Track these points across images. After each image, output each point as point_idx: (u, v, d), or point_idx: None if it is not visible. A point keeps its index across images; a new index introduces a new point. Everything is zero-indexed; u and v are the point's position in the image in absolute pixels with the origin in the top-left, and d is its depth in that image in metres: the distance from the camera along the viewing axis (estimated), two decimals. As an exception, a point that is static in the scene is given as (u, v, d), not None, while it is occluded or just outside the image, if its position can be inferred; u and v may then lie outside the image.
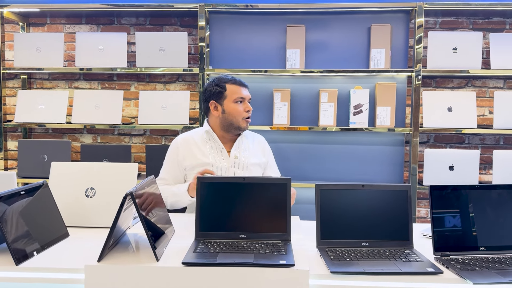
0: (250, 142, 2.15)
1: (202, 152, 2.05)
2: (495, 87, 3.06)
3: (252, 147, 2.13)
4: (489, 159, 3.04)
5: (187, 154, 2.06)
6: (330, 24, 2.97)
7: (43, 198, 1.57)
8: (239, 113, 2.04)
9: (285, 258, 1.30)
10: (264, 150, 2.18)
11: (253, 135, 2.22)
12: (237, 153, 2.06)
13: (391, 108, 2.85)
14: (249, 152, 2.09)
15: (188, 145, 2.08)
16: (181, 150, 2.07)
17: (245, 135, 2.14)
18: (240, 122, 2.05)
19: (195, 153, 2.05)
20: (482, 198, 1.47)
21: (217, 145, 2.07)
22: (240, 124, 2.05)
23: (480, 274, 1.26)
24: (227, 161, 2.05)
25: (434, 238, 1.41)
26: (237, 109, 2.04)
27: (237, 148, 2.08)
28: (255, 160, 2.09)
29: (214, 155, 2.05)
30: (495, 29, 3.03)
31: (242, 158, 2.06)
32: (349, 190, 1.52)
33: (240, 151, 2.08)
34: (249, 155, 2.08)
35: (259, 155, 2.13)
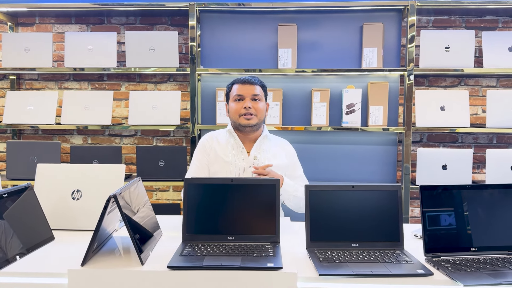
0: (273, 144, 2.12)
1: (223, 150, 2.06)
2: (488, 86, 3.05)
3: (274, 149, 2.09)
4: (482, 158, 3.03)
5: (210, 150, 2.08)
6: (322, 23, 2.95)
7: (27, 201, 1.53)
8: (234, 111, 2.03)
9: (273, 260, 1.28)
10: (287, 153, 2.13)
11: (277, 139, 2.18)
12: (257, 153, 2.05)
13: (384, 107, 2.83)
14: (269, 153, 2.06)
15: (212, 142, 2.10)
16: (207, 145, 2.10)
17: (268, 138, 2.11)
18: (238, 119, 2.02)
19: (216, 149, 2.07)
20: (474, 198, 1.45)
21: (238, 145, 2.06)
22: (239, 122, 2.01)
23: (471, 276, 1.24)
24: (246, 161, 2.03)
25: (425, 239, 1.39)
26: (233, 107, 2.03)
27: (258, 149, 2.06)
28: (275, 161, 2.03)
29: (234, 154, 2.05)
30: (488, 28, 3.02)
31: (261, 159, 2.04)
32: (339, 191, 1.50)
33: (260, 151, 2.06)
34: (270, 157, 2.05)
35: (280, 157, 2.08)
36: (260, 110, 2.02)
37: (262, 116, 2.04)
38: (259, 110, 2.02)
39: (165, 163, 2.83)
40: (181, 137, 3.17)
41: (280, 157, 2.08)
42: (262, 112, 2.04)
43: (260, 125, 2.07)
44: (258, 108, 2.02)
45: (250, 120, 2.00)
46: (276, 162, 2.03)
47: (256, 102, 2.02)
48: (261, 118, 2.04)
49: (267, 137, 2.10)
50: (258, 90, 2.03)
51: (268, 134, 2.12)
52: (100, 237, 1.34)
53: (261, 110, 2.03)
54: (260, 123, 2.05)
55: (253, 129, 2.04)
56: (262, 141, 2.07)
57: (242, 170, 2.02)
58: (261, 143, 2.07)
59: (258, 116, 2.01)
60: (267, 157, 2.05)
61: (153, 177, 2.83)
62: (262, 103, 2.04)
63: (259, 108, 2.02)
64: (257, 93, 2.02)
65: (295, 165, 2.14)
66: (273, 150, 2.09)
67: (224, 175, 2.01)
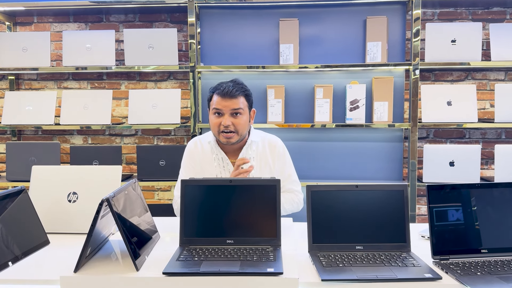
0: (260, 147, 1.97)
1: (208, 161, 1.96)
2: (496, 80, 2.97)
3: (261, 155, 1.97)
4: (491, 154, 2.96)
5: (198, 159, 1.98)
6: (324, 17, 2.88)
7: (21, 205, 1.49)
8: (213, 125, 1.89)
9: (273, 265, 1.23)
10: (274, 157, 1.98)
11: (265, 138, 2.02)
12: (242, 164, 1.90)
13: (389, 103, 2.77)
14: (255, 161, 1.95)
15: (199, 152, 1.99)
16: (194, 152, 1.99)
17: (255, 141, 1.97)
18: (218, 136, 1.88)
19: (201, 160, 1.97)
20: (483, 197, 1.39)
21: (222, 157, 1.95)
22: (219, 138, 1.88)
23: (481, 280, 1.18)
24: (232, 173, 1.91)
25: (433, 241, 1.33)
26: (212, 121, 1.89)
27: None
28: (262, 169, 1.95)
29: (219, 166, 1.94)
30: (495, 20, 2.94)
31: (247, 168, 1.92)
32: (342, 191, 1.44)
33: None
34: (256, 165, 1.94)
35: (268, 162, 1.96)
36: (241, 125, 1.86)
37: (244, 130, 1.89)
38: (239, 125, 1.86)
39: (166, 163, 2.78)
40: (182, 136, 3.12)
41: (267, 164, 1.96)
42: (244, 127, 1.88)
43: (243, 138, 1.92)
44: (239, 123, 1.86)
45: (230, 139, 1.86)
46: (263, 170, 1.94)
47: (237, 117, 1.86)
48: (243, 133, 1.89)
49: (253, 143, 1.97)
50: (240, 103, 1.86)
51: (254, 138, 1.97)
52: (94, 241, 1.30)
53: (242, 126, 1.87)
54: (242, 137, 1.91)
55: (235, 144, 1.91)
56: (247, 149, 1.95)
57: None
58: (246, 151, 1.95)
59: (239, 132, 1.87)
60: (253, 165, 1.93)
61: (154, 177, 2.78)
62: (244, 117, 1.88)
63: (240, 124, 1.86)
64: (238, 107, 1.85)
65: (284, 165, 1.99)
66: (260, 156, 1.97)
67: None
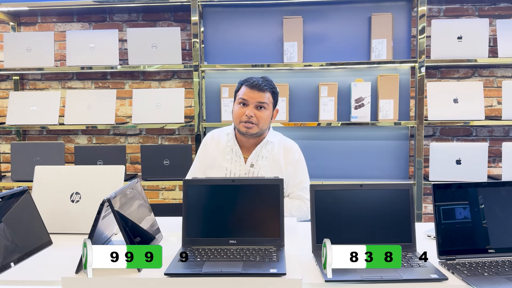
0: (276, 149, 1.98)
1: (222, 153, 1.98)
2: (503, 76, 2.93)
3: (273, 157, 1.96)
4: (498, 152, 2.92)
5: (211, 151, 2.01)
6: (329, 14, 2.86)
7: (24, 205, 1.49)
8: (236, 115, 1.91)
9: (277, 266, 1.21)
10: (288, 160, 1.97)
11: (283, 140, 2.03)
12: (254, 161, 1.94)
13: (394, 101, 2.74)
14: (267, 161, 1.95)
15: (214, 143, 2.02)
16: (209, 146, 2.02)
17: (271, 143, 1.98)
18: (238, 125, 1.91)
19: (215, 153, 1.99)
20: (490, 196, 1.36)
21: (236, 150, 1.97)
22: (239, 127, 1.91)
23: (488, 280, 1.15)
24: (243, 168, 1.94)
25: (439, 241, 1.31)
26: (235, 111, 1.92)
27: (256, 156, 1.95)
28: (273, 171, 1.94)
29: (231, 159, 1.96)
30: (502, 16, 2.90)
31: (258, 166, 1.94)
32: (346, 191, 1.42)
33: (258, 159, 1.95)
34: (268, 165, 1.94)
35: (280, 165, 1.95)
36: (263, 119, 1.89)
37: (264, 125, 1.91)
38: (261, 119, 1.89)
39: (170, 162, 2.77)
40: (186, 135, 3.11)
41: (278, 166, 1.95)
42: (266, 121, 1.91)
43: (262, 132, 1.94)
44: (261, 117, 1.89)
45: (250, 129, 1.89)
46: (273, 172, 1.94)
47: (260, 111, 1.89)
48: (263, 127, 1.92)
49: (269, 143, 1.97)
50: (266, 98, 1.89)
51: (271, 139, 1.98)
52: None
53: (264, 120, 1.90)
54: (262, 131, 1.93)
55: (253, 136, 1.93)
56: (262, 148, 1.96)
57: (237, 176, 1.94)
58: (261, 149, 1.96)
59: (259, 125, 1.89)
60: (264, 165, 1.94)
61: (159, 176, 2.78)
62: (267, 111, 1.91)
63: (262, 117, 1.89)
64: (263, 101, 1.89)
65: (296, 171, 1.98)
66: (273, 157, 1.96)
67: None
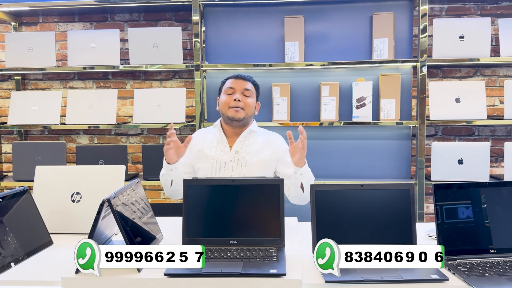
0: (260, 139, 2.08)
1: (208, 144, 2.08)
2: (506, 76, 2.92)
3: (258, 144, 2.06)
4: (501, 151, 2.90)
5: (197, 143, 2.10)
6: (330, 14, 2.85)
7: (24, 205, 1.49)
8: (225, 103, 2.04)
9: (277, 266, 1.21)
10: (274, 149, 2.05)
11: (267, 133, 2.14)
12: (239, 148, 2.04)
13: (396, 100, 2.73)
14: (253, 148, 2.04)
15: (200, 137, 2.12)
16: (194, 140, 2.09)
17: (256, 132, 2.10)
18: (227, 111, 2.02)
19: (202, 144, 2.09)
20: (492, 196, 1.36)
21: (222, 139, 2.07)
22: (228, 113, 2.02)
23: (489, 281, 1.15)
24: (228, 155, 2.03)
25: (439, 241, 1.30)
26: (223, 100, 2.05)
27: (240, 144, 2.05)
28: (258, 158, 2.02)
29: (217, 148, 2.06)
30: (505, 15, 2.88)
31: (243, 153, 2.03)
32: (346, 191, 1.41)
33: (243, 147, 2.05)
34: (253, 152, 2.03)
35: (266, 154, 2.03)
36: (249, 105, 2.03)
37: (250, 111, 2.05)
38: (248, 105, 2.03)
39: (171, 162, 2.76)
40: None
41: (262, 153, 2.03)
42: (251, 108, 2.05)
43: (247, 121, 2.06)
44: (248, 103, 2.03)
45: (238, 113, 2.00)
46: (258, 158, 2.01)
47: (246, 97, 2.03)
48: (249, 114, 2.04)
49: (253, 132, 2.09)
50: (250, 86, 2.06)
51: (255, 128, 2.10)
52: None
53: (250, 106, 2.04)
54: (247, 119, 2.05)
55: (240, 123, 2.04)
56: (246, 136, 2.07)
57: (223, 164, 2.01)
58: (245, 138, 2.06)
59: (246, 110, 2.02)
60: (249, 152, 2.03)
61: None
62: (252, 99, 2.06)
63: (248, 103, 2.03)
64: (248, 88, 2.05)
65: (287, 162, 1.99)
66: (258, 145, 2.05)
67: (207, 170, 2.02)
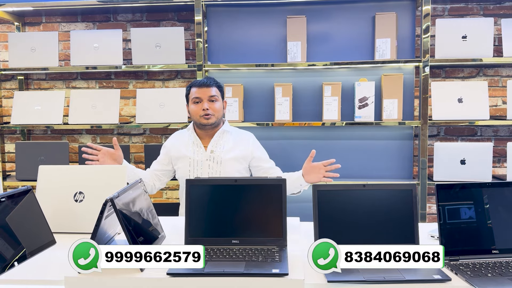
0: (232, 138, 2.24)
1: (185, 145, 2.24)
2: (508, 76, 2.91)
3: (232, 143, 2.22)
4: (503, 152, 2.90)
5: (173, 146, 2.26)
6: (332, 14, 2.85)
7: (27, 205, 1.49)
8: (195, 112, 2.17)
9: (279, 266, 1.21)
10: (248, 146, 2.24)
11: (240, 133, 2.30)
12: (213, 148, 2.20)
13: (398, 100, 2.73)
14: (227, 147, 2.20)
15: (177, 139, 2.29)
16: (170, 142, 2.30)
17: (229, 132, 2.26)
18: (199, 119, 2.17)
19: (179, 146, 2.25)
20: (494, 196, 1.36)
21: (196, 141, 2.22)
22: (200, 121, 2.17)
23: (492, 282, 1.15)
24: (203, 155, 2.19)
25: (442, 241, 1.30)
26: (193, 109, 2.19)
27: (214, 144, 2.21)
28: (232, 155, 2.18)
29: (193, 149, 2.22)
30: (507, 15, 2.88)
31: (217, 152, 2.19)
32: (349, 191, 1.42)
33: (217, 146, 2.21)
34: (226, 150, 2.19)
35: (239, 150, 2.21)
36: (217, 109, 2.18)
37: (219, 114, 2.20)
38: (216, 110, 2.17)
39: (173, 162, 2.77)
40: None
41: (235, 151, 2.20)
42: (220, 111, 2.20)
43: (219, 122, 2.22)
44: (215, 108, 2.17)
45: (209, 120, 2.16)
46: (231, 155, 2.18)
47: (213, 103, 2.17)
48: (219, 116, 2.20)
49: (226, 132, 2.25)
50: (214, 91, 2.18)
51: (228, 128, 2.26)
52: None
53: (218, 110, 2.18)
54: (218, 121, 2.21)
55: (212, 126, 2.20)
56: (219, 136, 2.23)
57: (200, 164, 2.18)
58: (218, 138, 2.22)
59: (216, 115, 2.18)
60: (223, 151, 2.19)
61: (162, 176, 2.78)
62: (218, 103, 2.20)
63: (216, 108, 2.17)
64: (213, 94, 2.17)
65: (260, 158, 2.24)
66: (231, 143, 2.22)
67: (185, 169, 2.19)
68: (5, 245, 1.30)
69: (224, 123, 2.28)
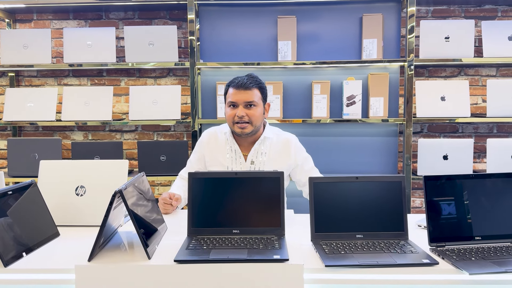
0: (274, 144, 2.02)
1: (221, 152, 2.03)
2: (488, 76, 3.05)
3: (273, 151, 2.01)
4: (483, 148, 3.04)
5: (209, 151, 2.05)
6: (322, 14, 2.94)
7: (31, 198, 1.53)
8: (229, 117, 1.95)
9: (279, 253, 1.29)
10: (290, 152, 2.02)
11: (280, 135, 2.06)
12: (254, 158, 1.99)
13: (384, 98, 2.83)
14: (267, 157, 1.99)
15: (212, 143, 2.06)
16: (205, 146, 2.07)
17: (269, 137, 2.01)
18: (233, 127, 1.95)
19: (216, 152, 2.04)
20: (477, 187, 1.46)
21: (236, 149, 2.01)
22: (234, 129, 1.95)
23: (476, 264, 1.25)
24: (243, 166, 1.99)
25: (429, 229, 1.40)
26: (227, 113, 1.97)
27: (255, 153, 2.00)
28: (274, 166, 1.98)
29: (231, 158, 2.01)
30: (487, 17, 3.01)
31: (258, 163, 1.99)
32: (343, 183, 1.50)
33: (258, 156, 1.99)
34: (268, 160, 1.99)
35: (282, 161, 2.01)
36: (256, 116, 1.92)
37: (258, 122, 1.94)
38: (254, 117, 1.92)
39: (166, 158, 2.83)
40: (181, 132, 3.17)
41: (279, 161, 2.00)
42: (258, 118, 1.94)
43: (257, 130, 1.98)
44: (253, 115, 1.92)
45: (244, 129, 1.92)
46: (273, 167, 1.97)
47: (250, 109, 1.92)
48: (257, 124, 1.95)
49: (267, 139, 2.01)
50: (254, 95, 1.92)
51: (269, 135, 2.02)
52: (106, 232, 1.34)
53: (256, 117, 1.92)
54: (257, 128, 1.96)
55: (249, 135, 1.97)
56: (260, 144, 2.00)
57: None
58: (259, 146, 2.00)
59: (253, 123, 1.92)
60: (264, 161, 1.99)
61: (155, 172, 2.83)
62: (258, 108, 1.93)
63: (253, 115, 1.92)
64: (251, 100, 1.91)
65: (305, 160, 2.06)
66: (273, 152, 2.01)
67: None
68: (13, 236, 1.34)
69: (265, 128, 2.03)
